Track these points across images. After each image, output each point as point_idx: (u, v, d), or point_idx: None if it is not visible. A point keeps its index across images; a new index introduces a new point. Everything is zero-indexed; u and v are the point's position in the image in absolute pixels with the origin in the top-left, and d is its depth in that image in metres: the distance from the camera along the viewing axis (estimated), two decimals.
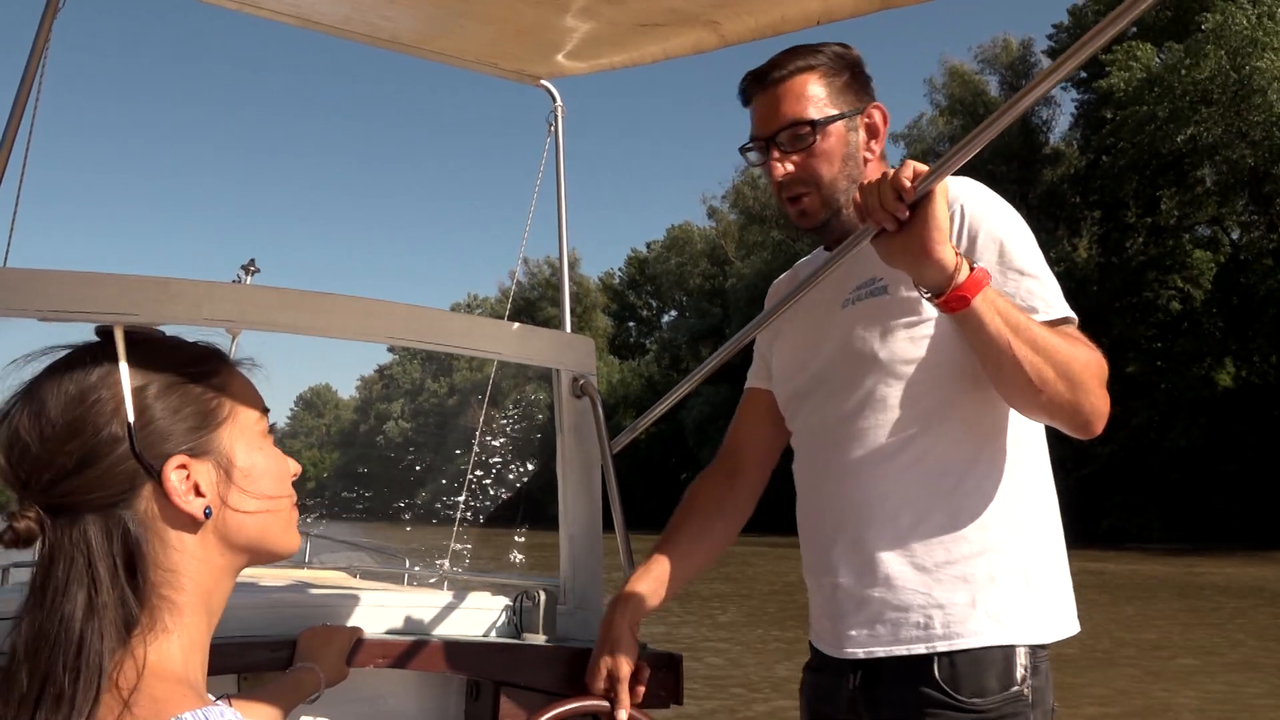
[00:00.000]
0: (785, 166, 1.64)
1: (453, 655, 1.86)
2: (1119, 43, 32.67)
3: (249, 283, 3.88)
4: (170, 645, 0.87)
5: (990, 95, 42.82)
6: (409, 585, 3.15)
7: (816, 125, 1.63)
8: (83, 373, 0.89)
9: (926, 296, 1.43)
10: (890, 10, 1.71)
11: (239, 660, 1.67)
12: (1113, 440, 31.40)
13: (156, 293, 1.69)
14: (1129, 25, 1.15)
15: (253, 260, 3.93)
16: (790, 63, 1.65)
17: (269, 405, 1.00)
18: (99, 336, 0.93)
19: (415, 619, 1.97)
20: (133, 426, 0.87)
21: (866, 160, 1.67)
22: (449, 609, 2.02)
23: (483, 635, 2.02)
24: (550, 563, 2.33)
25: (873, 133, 1.69)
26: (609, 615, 1.73)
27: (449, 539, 3.48)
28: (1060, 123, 43.35)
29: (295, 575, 3.12)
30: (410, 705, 1.99)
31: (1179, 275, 37.03)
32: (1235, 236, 37.96)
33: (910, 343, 1.58)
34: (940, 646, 1.52)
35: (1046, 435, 1.65)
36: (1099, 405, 1.45)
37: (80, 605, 0.82)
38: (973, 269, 1.39)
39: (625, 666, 1.67)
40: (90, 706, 0.79)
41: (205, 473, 0.90)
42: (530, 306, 59.79)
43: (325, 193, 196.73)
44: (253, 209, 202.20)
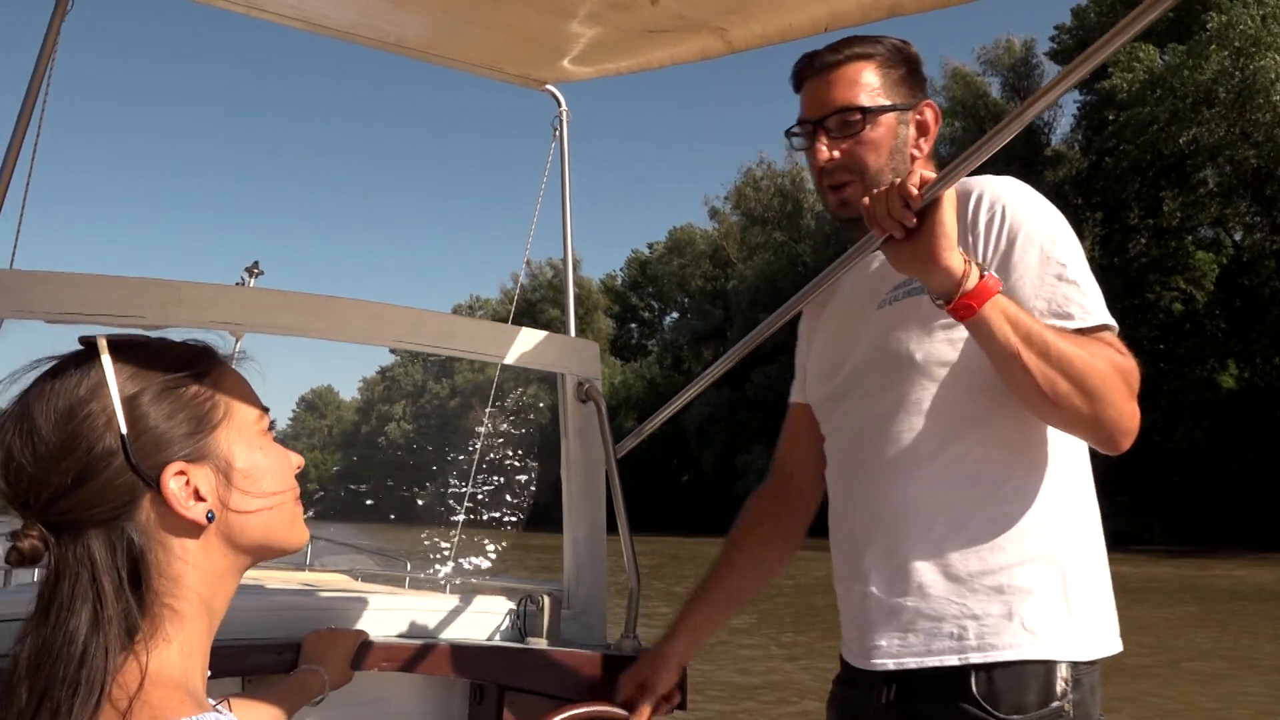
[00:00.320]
0: (832, 152, 1.60)
1: (457, 659, 1.86)
2: None
3: (253, 285, 3.89)
4: (170, 652, 0.86)
5: (992, 97, 42.67)
6: (411, 588, 3.15)
7: (867, 113, 1.58)
8: (72, 386, 0.86)
9: (938, 303, 1.40)
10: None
11: (244, 662, 1.67)
12: None
13: (162, 295, 1.69)
14: (1141, 32, 1.13)
15: (256, 262, 3.95)
16: (847, 49, 1.61)
17: (269, 405, 0.98)
18: (83, 345, 0.90)
19: (419, 622, 1.97)
20: (126, 438, 0.85)
21: (914, 157, 1.62)
22: (453, 612, 2.02)
23: (487, 639, 2.02)
24: (554, 566, 2.33)
25: (923, 130, 1.64)
26: (670, 636, 1.78)
27: (451, 541, 3.48)
28: (1062, 124, 43.22)
29: (298, 578, 3.13)
30: (414, 708, 1.99)
31: (1182, 277, 36.91)
32: (1238, 238, 37.86)
33: (948, 345, 1.52)
34: (974, 658, 1.47)
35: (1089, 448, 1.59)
36: (1119, 420, 1.38)
37: (85, 620, 0.81)
38: (983, 276, 1.36)
39: (664, 684, 1.73)
40: (88, 718, 0.79)
41: (205, 477, 0.89)
42: (532, 308, 59.75)
43: (329, 194, 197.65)
44: (257, 210, 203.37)
